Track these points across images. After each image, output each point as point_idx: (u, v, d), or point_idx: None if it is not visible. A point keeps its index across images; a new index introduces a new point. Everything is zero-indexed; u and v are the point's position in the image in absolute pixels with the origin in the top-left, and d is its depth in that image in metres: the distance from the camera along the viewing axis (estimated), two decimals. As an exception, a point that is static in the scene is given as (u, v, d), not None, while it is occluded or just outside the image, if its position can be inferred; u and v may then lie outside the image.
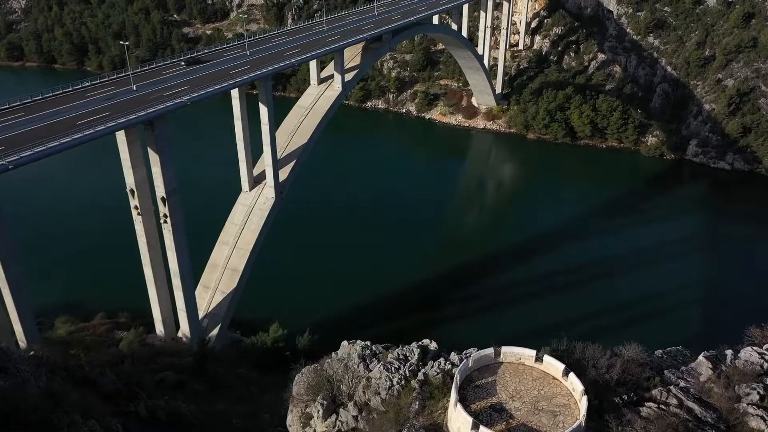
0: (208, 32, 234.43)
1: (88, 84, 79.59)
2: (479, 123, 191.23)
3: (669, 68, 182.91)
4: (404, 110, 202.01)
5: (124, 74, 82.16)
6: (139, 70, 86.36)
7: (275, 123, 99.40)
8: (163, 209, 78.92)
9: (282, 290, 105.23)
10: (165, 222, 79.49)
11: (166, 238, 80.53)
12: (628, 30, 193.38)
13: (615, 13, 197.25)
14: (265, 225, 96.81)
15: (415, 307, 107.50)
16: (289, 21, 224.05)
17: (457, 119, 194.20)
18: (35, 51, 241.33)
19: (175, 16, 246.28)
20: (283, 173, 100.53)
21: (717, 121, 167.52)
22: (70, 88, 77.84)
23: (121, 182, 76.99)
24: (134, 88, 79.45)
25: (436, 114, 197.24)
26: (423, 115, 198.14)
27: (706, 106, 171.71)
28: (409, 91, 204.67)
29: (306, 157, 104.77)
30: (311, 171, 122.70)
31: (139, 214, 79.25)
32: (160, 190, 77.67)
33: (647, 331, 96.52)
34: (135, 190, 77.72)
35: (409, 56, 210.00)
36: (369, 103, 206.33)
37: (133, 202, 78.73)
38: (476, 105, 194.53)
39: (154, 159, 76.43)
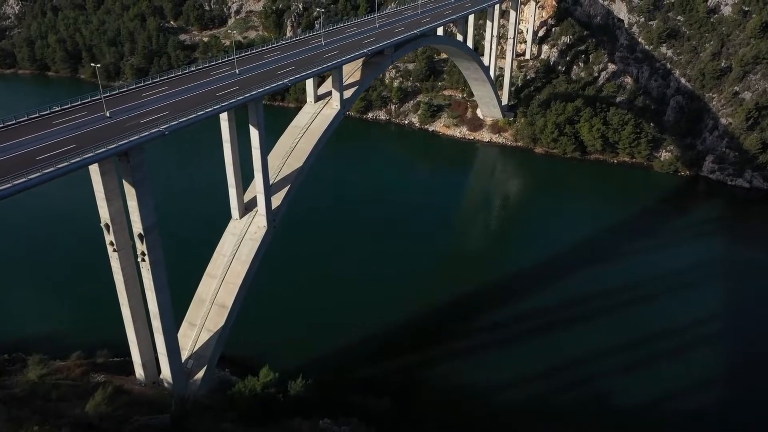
0: (205, 39, 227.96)
1: (57, 109, 72.30)
2: (484, 136, 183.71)
3: (683, 80, 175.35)
4: (407, 122, 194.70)
5: (98, 97, 74.76)
6: (116, 92, 78.92)
7: (271, 139, 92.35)
8: (140, 246, 71.79)
9: (274, 326, 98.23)
10: (143, 260, 72.39)
11: (144, 277, 73.42)
12: (639, 40, 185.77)
13: (626, 22, 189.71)
14: (256, 256, 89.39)
15: (418, 344, 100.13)
16: (288, 28, 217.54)
17: (461, 131, 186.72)
18: (28, 58, 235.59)
19: (171, 22, 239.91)
20: (276, 199, 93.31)
21: (734, 136, 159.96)
22: (36, 115, 70.55)
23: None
24: (107, 115, 72.11)
25: (439, 126, 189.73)
26: (426, 126, 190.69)
27: (723, 120, 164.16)
28: (411, 101, 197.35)
29: (301, 180, 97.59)
30: (306, 191, 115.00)
31: (115, 250, 72.40)
32: (137, 226, 70.49)
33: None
34: (110, 224, 70.71)
35: (411, 66, 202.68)
36: (370, 114, 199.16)
37: (109, 237, 71.70)
38: (481, 117, 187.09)
39: (130, 192, 69.31)
